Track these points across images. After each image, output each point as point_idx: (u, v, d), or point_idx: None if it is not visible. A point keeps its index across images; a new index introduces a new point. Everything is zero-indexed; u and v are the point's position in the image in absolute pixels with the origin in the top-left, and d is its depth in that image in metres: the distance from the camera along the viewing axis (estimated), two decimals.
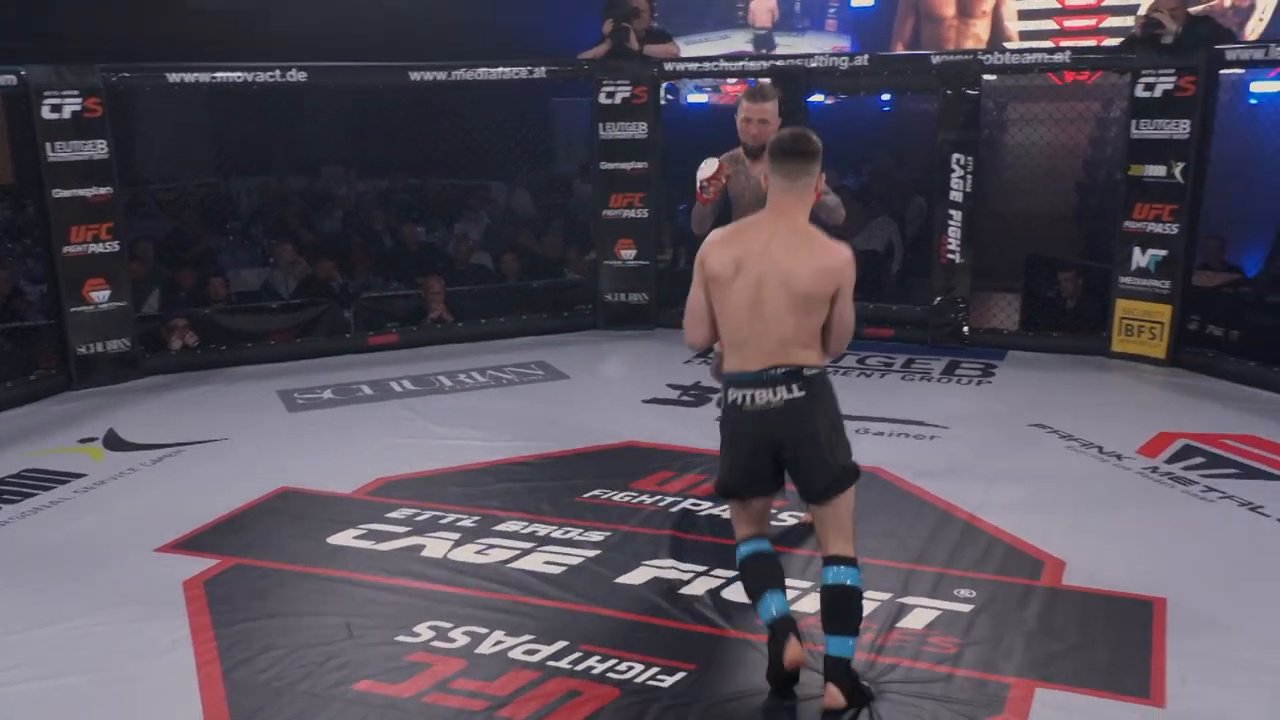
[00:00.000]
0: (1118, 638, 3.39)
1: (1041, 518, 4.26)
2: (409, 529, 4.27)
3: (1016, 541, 4.07)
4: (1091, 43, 10.23)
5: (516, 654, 3.33)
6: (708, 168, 4.13)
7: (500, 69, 7.09)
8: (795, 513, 4.24)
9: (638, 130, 7.30)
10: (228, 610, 3.63)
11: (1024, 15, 11.70)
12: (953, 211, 6.76)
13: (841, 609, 3.00)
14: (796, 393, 2.94)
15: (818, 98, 9.22)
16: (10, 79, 5.90)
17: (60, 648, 3.43)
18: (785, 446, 3.01)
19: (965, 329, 6.89)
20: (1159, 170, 6.25)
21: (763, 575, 3.12)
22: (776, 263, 2.95)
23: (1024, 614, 3.53)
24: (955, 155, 6.69)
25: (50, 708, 3.13)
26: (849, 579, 3.00)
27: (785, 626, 3.03)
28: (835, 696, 2.96)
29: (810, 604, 3.51)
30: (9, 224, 9.53)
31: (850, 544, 3.03)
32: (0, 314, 6.76)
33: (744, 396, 2.99)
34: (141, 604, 3.69)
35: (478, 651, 3.35)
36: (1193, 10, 7.11)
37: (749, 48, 12.32)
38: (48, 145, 6.02)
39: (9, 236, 9.20)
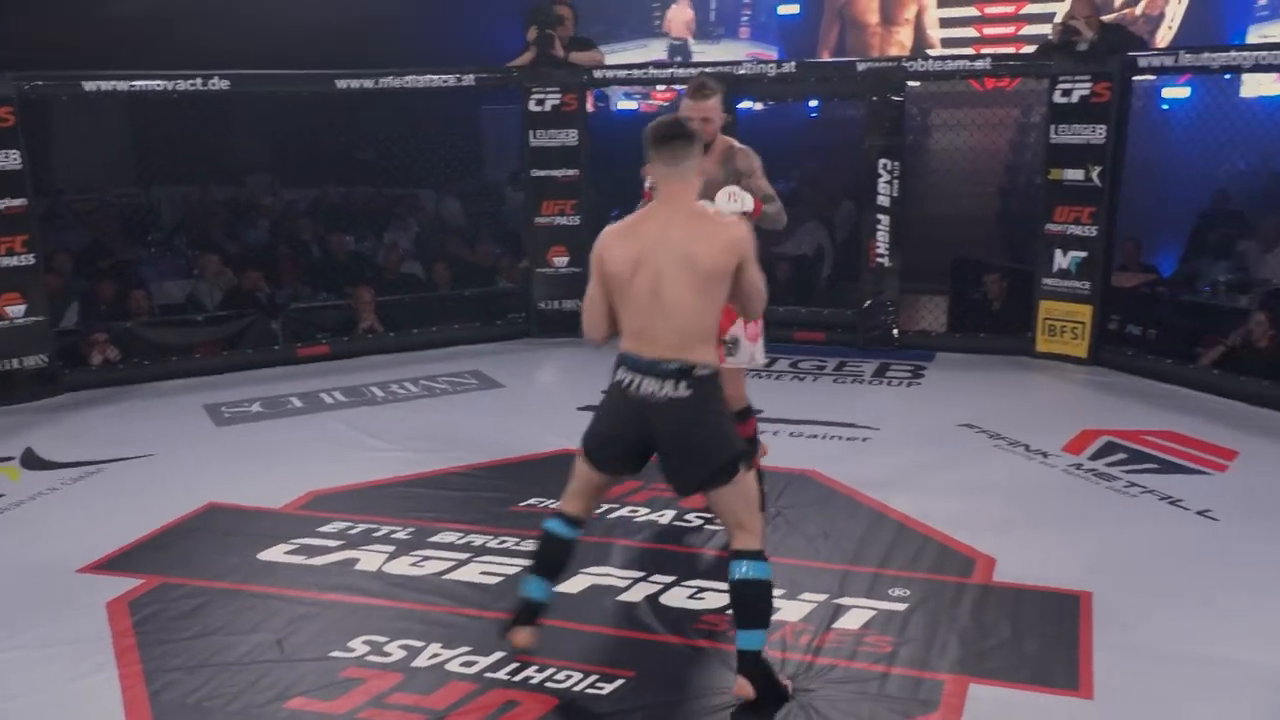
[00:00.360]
0: (1047, 632, 3.46)
1: (972, 516, 4.34)
2: (342, 542, 4.21)
3: (948, 540, 4.14)
4: (1011, 50, 10.48)
5: (454, 666, 3.29)
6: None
7: (428, 76, 7.03)
8: (703, 514, 4.25)
9: (568, 137, 7.29)
10: (154, 631, 3.54)
11: (945, 23, 11.94)
12: (881, 216, 6.86)
13: (744, 603, 3.03)
14: (682, 391, 2.96)
15: (746, 104, 9.30)
16: None
17: None
18: (661, 440, 3.03)
19: (895, 331, 7.00)
20: (1078, 174, 6.42)
21: (548, 559, 3.24)
22: (676, 249, 2.97)
23: (957, 611, 3.59)
24: (882, 160, 6.79)
25: None
26: (750, 572, 3.01)
27: (532, 612, 3.24)
28: (745, 688, 3.01)
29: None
30: None
31: (750, 536, 3.04)
32: None
33: (633, 381, 3.02)
34: (63, 626, 3.58)
35: (414, 665, 3.31)
36: (1105, 19, 7.34)
37: (664, 57, 12.41)
38: None
39: None
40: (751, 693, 3.00)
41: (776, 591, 3.67)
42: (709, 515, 4.36)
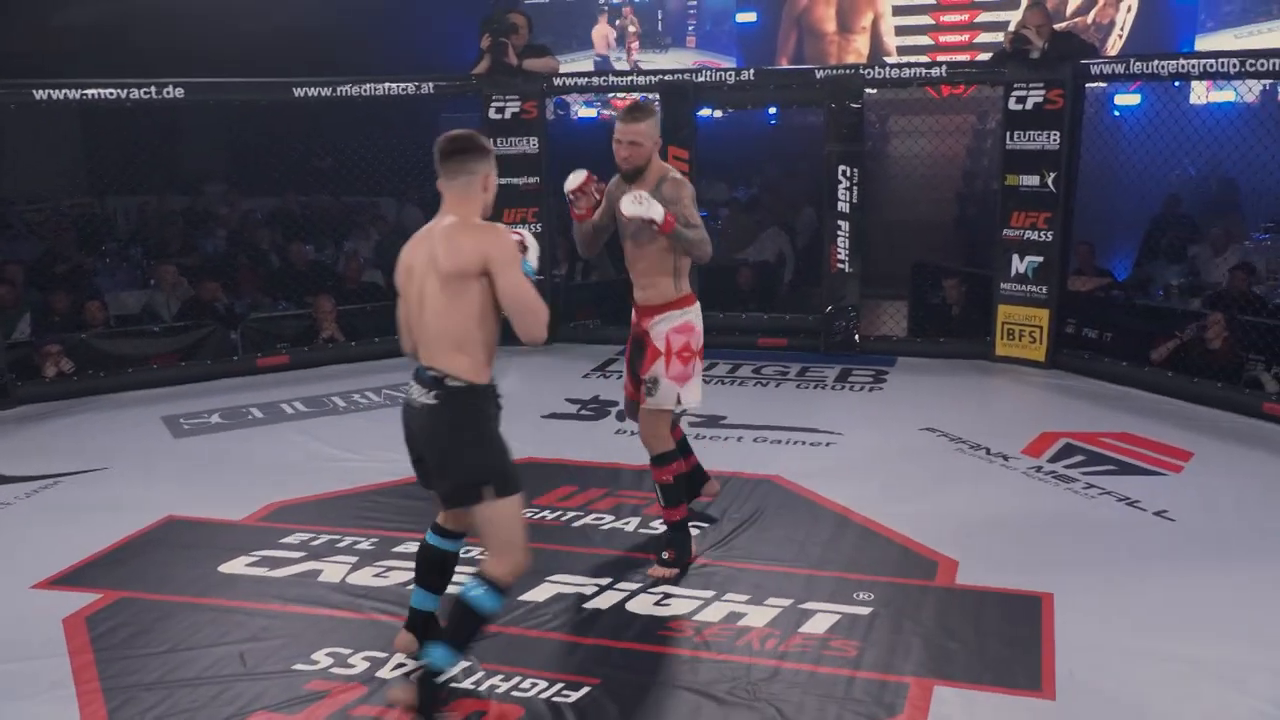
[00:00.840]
0: (1009, 634, 3.50)
1: (934, 519, 4.38)
2: (304, 554, 4.16)
3: (911, 543, 4.17)
4: (966, 58, 10.61)
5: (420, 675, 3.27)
6: (574, 179, 3.86)
7: (387, 84, 6.99)
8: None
9: (529, 145, 7.28)
10: (112, 647, 3.48)
11: (901, 31, 12.07)
12: (841, 222, 6.91)
13: (454, 618, 3.01)
14: (432, 400, 2.96)
15: (705, 112, 9.34)
16: None
17: None
18: (420, 448, 3.07)
19: (856, 337, 7.05)
20: (1033, 180, 6.50)
21: (426, 568, 3.31)
22: (430, 258, 2.98)
23: (921, 614, 3.62)
24: (841, 167, 6.85)
25: None
26: (474, 594, 2.95)
27: (415, 619, 3.32)
28: (403, 693, 3.04)
29: (714, 613, 3.56)
30: None
31: (494, 564, 2.97)
32: None
33: (409, 387, 3.05)
34: (18, 644, 3.51)
35: (379, 675, 3.28)
36: (1057, 27, 7.45)
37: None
38: None
39: None
40: (411, 699, 3.01)
41: (741, 597, 3.72)
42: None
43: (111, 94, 6.33)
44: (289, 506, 4.64)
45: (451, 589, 3.26)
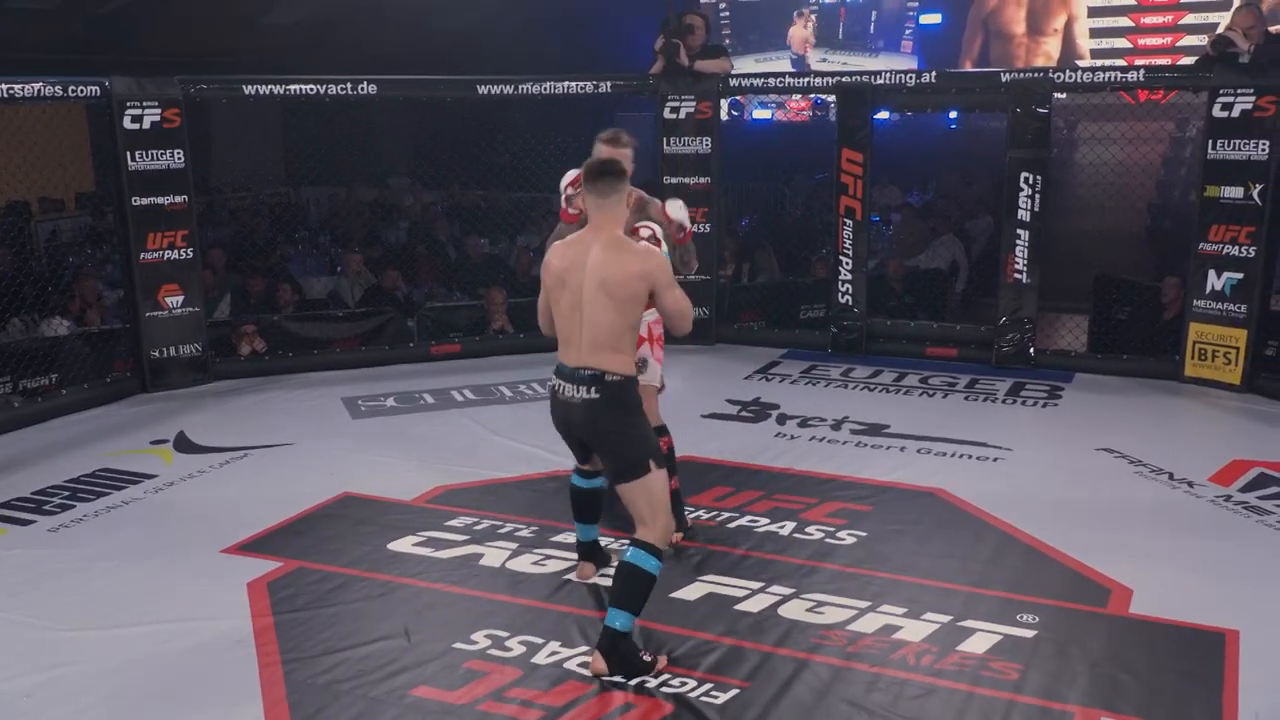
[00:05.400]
0: (1187, 670, 3.30)
1: (1108, 544, 4.16)
2: (467, 537, 4.31)
3: (1081, 567, 3.98)
4: (1166, 61, 10.05)
5: (572, 665, 3.34)
6: (570, 175, 3.99)
7: (565, 83, 7.15)
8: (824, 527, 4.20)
9: (701, 145, 7.31)
10: (290, 612, 3.69)
11: (1096, 33, 11.53)
12: (1020, 231, 6.66)
13: (621, 582, 3.28)
14: (593, 394, 3.31)
15: (883, 115, 9.17)
16: (94, 90, 6.08)
17: (128, 644, 3.51)
18: (582, 436, 3.46)
19: (1032, 350, 6.78)
20: (1236, 191, 6.10)
21: (576, 506, 3.85)
22: (595, 272, 3.30)
23: (1089, 642, 3.45)
24: (1024, 174, 6.59)
25: (116, 703, 3.20)
26: (633, 557, 3.26)
27: (586, 550, 3.92)
28: (598, 663, 3.26)
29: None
30: (90, 230, 9.84)
31: (648, 530, 3.31)
32: (80, 318, 6.96)
33: (559, 386, 3.40)
34: (208, 603, 3.77)
35: (533, 661, 3.37)
36: (1273, 29, 6.95)
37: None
38: (128, 154, 6.20)
39: (90, 243, 9.49)
40: (605, 668, 3.25)
41: (898, 609, 3.64)
42: (830, 529, 4.32)
43: (312, 90, 6.70)
44: (455, 490, 4.81)
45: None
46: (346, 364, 6.98)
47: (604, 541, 4.04)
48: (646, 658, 3.30)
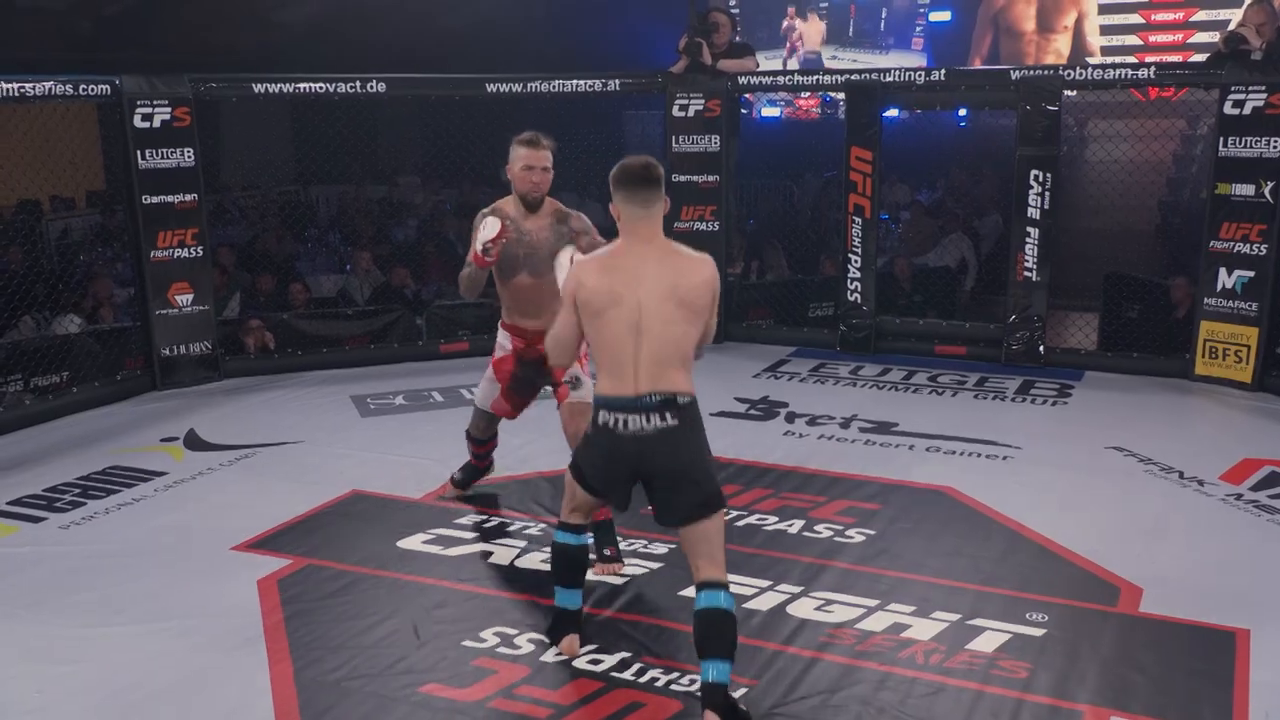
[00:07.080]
0: (1197, 669, 3.29)
1: (1118, 542, 4.16)
2: (476, 535, 4.32)
3: (1091, 566, 3.98)
4: (1177, 58, 10.00)
5: (580, 663, 3.34)
6: (490, 228, 3.89)
7: (575, 81, 7.14)
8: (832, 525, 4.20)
9: (710, 143, 7.31)
10: (299, 610, 3.70)
11: (1106, 31, 11.48)
12: (1030, 229, 6.64)
13: (715, 633, 2.97)
14: (670, 421, 2.99)
15: (892, 112, 9.15)
16: (105, 89, 6.10)
17: (138, 641, 3.53)
18: (655, 471, 3.04)
19: (1041, 348, 6.77)
20: (1247, 189, 6.08)
21: (571, 569, 3.32)
22: (660, 283, 3.01)
23: (1099, 641, 3.45)
24: (1034, 172, 6.58)
25: (126, 700, 3.21)
26: (723, 602, 2.97)
27: (573, 620, 3.36)
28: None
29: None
30: (100, 229, 9.87)
31: (721, 569, 3.03)
32: (92, 315, 6.99)
33: (616, 421, 3.01)
34: (218, 600, 3.78)
35: (542, 659, 3.37)
36: None
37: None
38: (138, 153, 6.22)
39: (100, 241, 9.52)
40: None
41: (907, 608, 3.64)
42: (839, 527, 4.32)
43: (321, 88, 6.71)
44: None
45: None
46: (355, 362, 7.00)
47: (621, 544, 4.04)
48: (742, 706, 3.02)
